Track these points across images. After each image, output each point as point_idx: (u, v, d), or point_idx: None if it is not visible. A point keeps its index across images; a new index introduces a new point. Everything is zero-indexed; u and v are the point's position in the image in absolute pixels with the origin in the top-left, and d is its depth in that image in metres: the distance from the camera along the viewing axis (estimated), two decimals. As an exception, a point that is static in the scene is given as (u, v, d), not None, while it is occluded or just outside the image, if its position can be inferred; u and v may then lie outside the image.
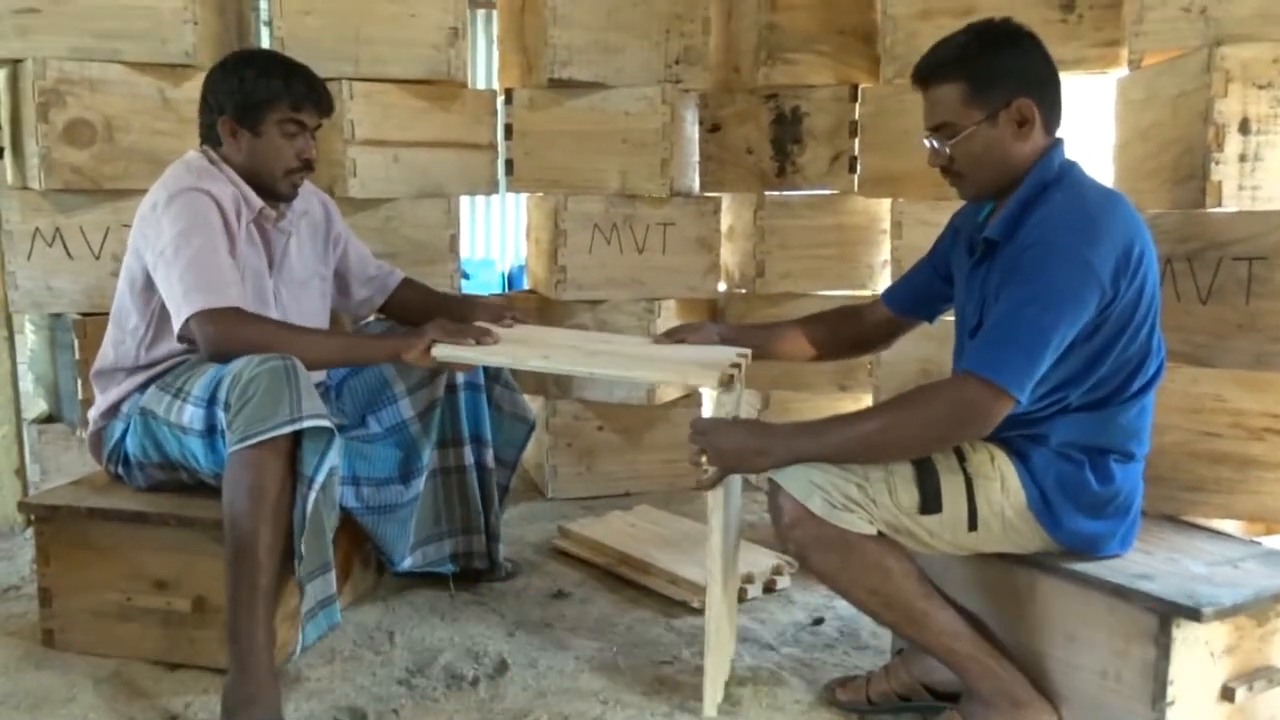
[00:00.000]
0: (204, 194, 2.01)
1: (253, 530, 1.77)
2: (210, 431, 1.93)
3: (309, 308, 2.28)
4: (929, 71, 1.76)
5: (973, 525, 1.70)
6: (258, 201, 2.11)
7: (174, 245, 1.96)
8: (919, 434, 1.66)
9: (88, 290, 2.71)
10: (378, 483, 2.26)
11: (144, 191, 2.77)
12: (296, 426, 1.79)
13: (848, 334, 2.16)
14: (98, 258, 2.71)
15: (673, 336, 2.20)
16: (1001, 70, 1.71)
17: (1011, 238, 1.70)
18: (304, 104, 2.09)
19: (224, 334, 1.92)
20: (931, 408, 1.65)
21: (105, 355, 2.14)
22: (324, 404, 1.89)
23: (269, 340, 1.92)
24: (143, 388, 2.08)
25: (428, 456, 2.33)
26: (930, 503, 1.67)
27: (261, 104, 2.06)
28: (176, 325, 1.96)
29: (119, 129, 2.66)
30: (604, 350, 2.12)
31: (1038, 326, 1.60)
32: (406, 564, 2.34)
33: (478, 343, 2.00)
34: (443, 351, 1.99)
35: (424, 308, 2.41)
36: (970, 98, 1.71)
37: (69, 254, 2.69)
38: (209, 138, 2.14)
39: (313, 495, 1.84)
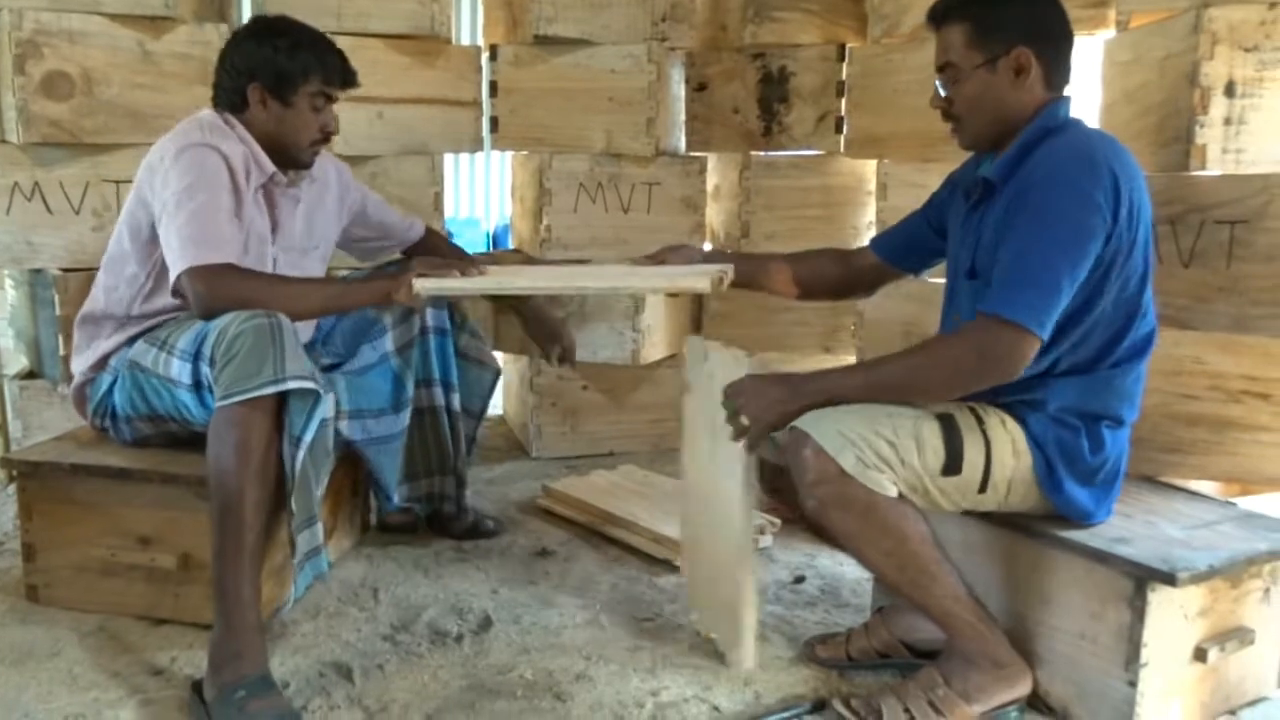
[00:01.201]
0: (214, 151, 2.01)
1: (239, 488, 1.77)
2: (198, 386, 1.93)
3: (308, 275, 2.31)
4: (941, 11, 1.78)
5: (982, 488, 1.71)
6: (269, 166, 2.12)
7: (176, 199, 1.96)
8: (948, 377, 1.66)
9: (68, 245, 2.69)
10: (377, 413, 2.31)
11: (124, 146, 2.74)
12: (279, 388, 1.79)
13: (832, 275, 2.16)
14: (77, 212, 2.68)
15: (655, 257, 2.19)
16: (1007, 18, 1.72)
17: (1010, 179, 1.72)
18: (335, 78, 2.14)
19: (215, 290, 1.92)
20: (960, 349, 1.65)
21: (95, 300, 2.13)
22: (313, 356, 1.90)
23: (259, 294, 1.92)
24: (131, 341, 2.08)
25: (411, 389, 2.39)
26: (953, 464, 1.68)
27: (297, 76, 2.09)
28: (173, 279, 1.96)
29: (98, 82, 2.62)
30: (585, 272, 2.11)
31: (1050, 264, 1.61)
32: (396, 499, 2.39)
33: (462, 275, 2.01)
34: (427, 285, 1.98)
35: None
36: (973, 41, 1.73)
37: (48, 209, 2.66)
38: (228, 102, 2.13)
39: (300, 454, 1.84)
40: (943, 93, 1.80)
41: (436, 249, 2.51)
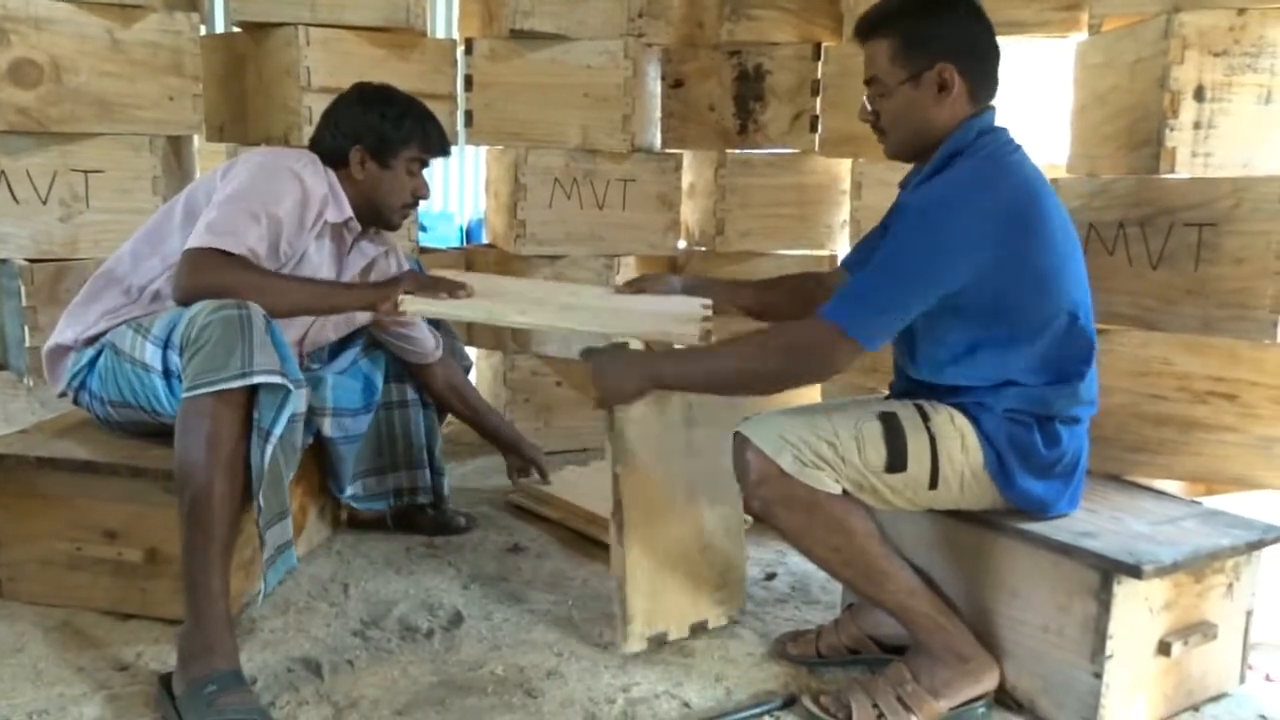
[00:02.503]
0: (295, 177, 2.07)
1: (208, 481, 1.75)
2: (168, 374, 1.92)
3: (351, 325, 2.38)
4: (867, 26, 1.80)
5: (933, 484, 1.72)
6: (348, 210, 2.18)
7: (228, 195, 2.00)
8: (772, 370, 1.71)
9: (34, 235, 2.66)
10: (354, 412, 2.34)
11: (92, 135, 2.72)
12: (245, 382, 1.78)
13: (806, 298, 2.17)
14: (44, 202, 2.65)
15: (633, 286, 2.22)
16: (931, 34, 1.73)
17: None
18: (433, 148, 2.25)
19: (197, 272, 1.91)
20: (783, 345, 1.71)
21: (120, 260, 2.12)
22: (288, 353, 1.88)
23: (241, 283, 1.90)
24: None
25: (380, 388, 2.42)
26: (897, 461, 1.70)
27: (398, 143, 2.19)
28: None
29: (66, 70, 2.59)
30: (574, 304, 2.14)
31: (892, 288, 1.66)
32: (349, 492, 2.41)
33: (451, 296, 2.02)
34: (414, 305, 1.98)
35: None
36: (897, 56, 1.75)
37: (15, 198, 2.63)
38: (329, 159, 2.19)
39: (270, 447, 1.82)
40: (869, 107, 1.82)
41: (460, 384, 2.58)
